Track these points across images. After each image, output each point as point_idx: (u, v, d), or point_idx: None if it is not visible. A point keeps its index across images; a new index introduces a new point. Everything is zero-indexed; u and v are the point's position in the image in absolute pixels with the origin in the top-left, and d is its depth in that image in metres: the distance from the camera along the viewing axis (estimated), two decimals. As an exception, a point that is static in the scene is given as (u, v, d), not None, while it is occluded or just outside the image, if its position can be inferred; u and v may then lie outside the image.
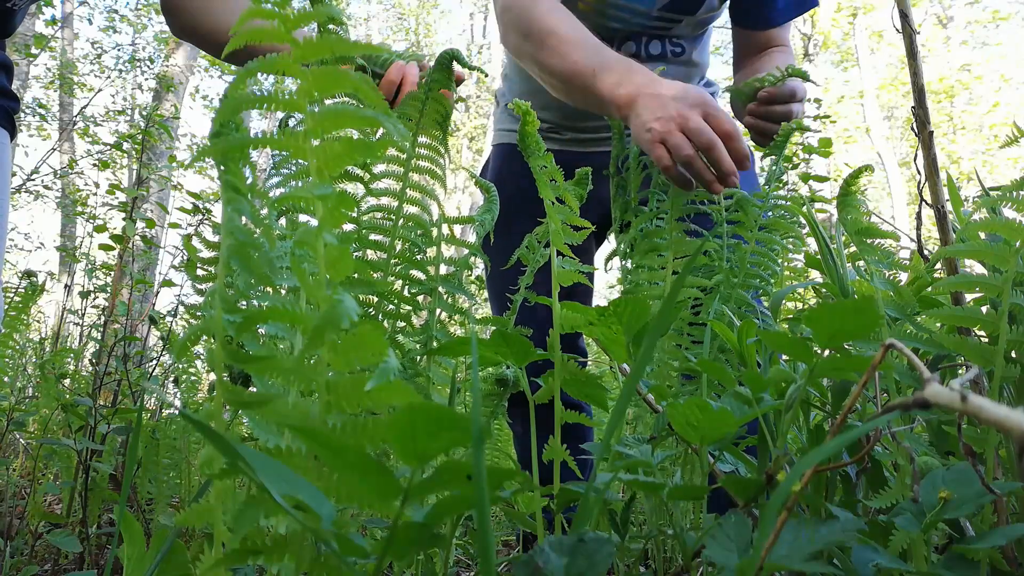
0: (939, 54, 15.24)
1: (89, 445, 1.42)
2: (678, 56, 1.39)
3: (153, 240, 2.67)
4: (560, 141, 1.48)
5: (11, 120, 1.09)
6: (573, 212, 0.78)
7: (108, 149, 5.71)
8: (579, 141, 1.47)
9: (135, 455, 0.57)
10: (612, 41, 1.34)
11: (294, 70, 0.43)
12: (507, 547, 1.71)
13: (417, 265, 0.84)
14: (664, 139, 0.94)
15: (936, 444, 0.66)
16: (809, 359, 0.58)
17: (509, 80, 1.56)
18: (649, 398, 0.74)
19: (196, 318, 1.45)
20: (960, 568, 0.47)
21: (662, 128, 0.94)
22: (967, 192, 7.84)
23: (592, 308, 0.68)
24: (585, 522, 0.46)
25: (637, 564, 0.76)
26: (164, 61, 7.01)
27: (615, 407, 0.43)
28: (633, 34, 1.35)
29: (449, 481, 0.36)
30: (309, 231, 0.42)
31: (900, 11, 0.73)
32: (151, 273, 4.41)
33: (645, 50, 1.36)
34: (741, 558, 0.44)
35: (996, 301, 0.60)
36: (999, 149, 1.82)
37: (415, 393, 0.41)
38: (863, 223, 0.73)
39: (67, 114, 9.19)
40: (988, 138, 13.68)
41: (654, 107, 0.96)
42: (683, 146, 0.92)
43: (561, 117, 1.45)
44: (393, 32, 19.53)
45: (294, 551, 0.40)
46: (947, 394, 0.29)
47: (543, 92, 1.22)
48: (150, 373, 2.20)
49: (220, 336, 0.42)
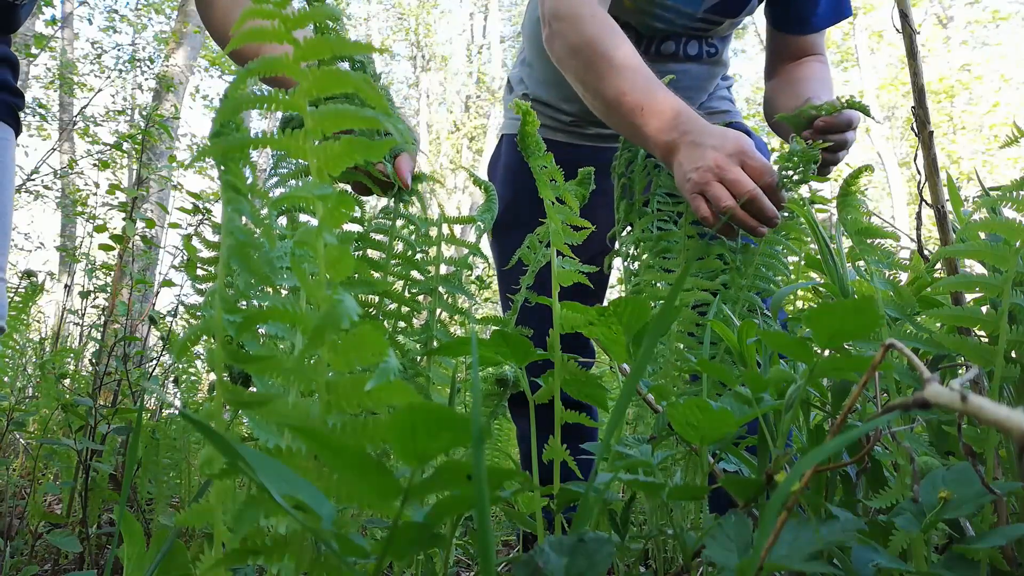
0: (939, 54, 15.24)
1: (89, 445, 1.42)
2: (712, 56, 1.39)
3: (153, 240, 2.67)
4: (583, 136, 1.46)
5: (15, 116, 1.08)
6: (573, 212, 0.78)
7: (108, 149, 5.71)
8: (603, 137, 1.46)
9: (135, 455, 0.57)
10: (652, 40, 1.33)
11: (294, 70, 0.43)
12: (507, 547, 1.71)
13: (417, 265, 0.84)
14: (703, 190, 0.95)
15: (936, 444, 0.66)
16: (809, 359, 0.58)
17: (529, 67, 1.51)
18: (649, 398, 0.74)
19: (196, 318, 1.45)
20: (960, 568, 0.47)
21: (700, 179, 0.95)
22: (967, 192, 7.83)
23: (592, 308, 0.68)
24: (585, 522, 0.46)
25: (637, 564, 0.76)
26: (164, 61, 7.01)
27: (615, 407, 0.43)
28: (673, 34, 1.34)
29: (449, 481, 0.36)
30: (309, 231, 0.42)
31: (900, 11, 0.73)
32: (151, 273, 4.41)
33: (683, 50, 1.36)
34: (741, 558, 0.44)
35: (996, 301, 0.60)
36: (999, 149, 1.82)
37: (415, 393, 0.41)
38: (863, 223, 0.73)
39: (67, 114, 9.19)
40: (988, 138, 13.68)
41: (694, 156, 0.96)
42: (722, 197, 0.93)
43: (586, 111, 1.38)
44: (393, 32, 19.54)
45: (294, 551, 0.40)
46: (947, 394, 0.29)
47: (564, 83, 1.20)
48: (150, 373, 2.20)
49: (220, 336, 0.42)
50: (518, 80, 1.55)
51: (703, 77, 1.41)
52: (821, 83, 1.33)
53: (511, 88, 1.59)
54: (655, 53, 1.34)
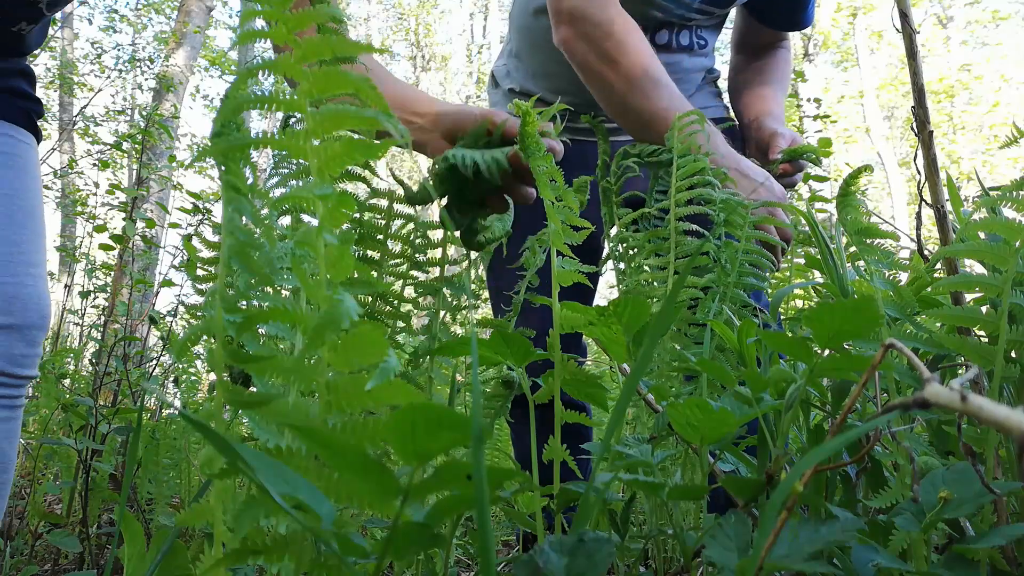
0: (939, 54, 15.24)
1: (89, 445, 1.42)
2: (702, 48, 1.41)
3: (153, 240, 2.67)
4: (569, 130, 1.44)
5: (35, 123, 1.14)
6: (573, 212, 0.78)
7: (108, 149, 5.71)
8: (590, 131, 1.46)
9: (135, 455, 0.57)
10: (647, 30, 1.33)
11: (295, 71, 0.43)
12: (507, 547, 1.71)
13: (418, 265, 0.84)
14: None
15: (936, 444, 0.66)
16: (809, 359, 0.58)
17: (517, 58, 1.48)
18: (649, 398, 0.74)
19: (196, 318, 1.45)
20: (960, 568, 0.47)
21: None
22: (967, 192, 7.84)
23: (592, 308, 0.68)
24: (585, 522, 0.46)
25: (637, 564, 0.76)
26: (164, 61, 7.01)
27: (615, 407, 0.43)
28: (668, 23, 1.35)
29: (449, 481, 0.36)
30: (309, 231, 0.42)
31: (900, 11, 0.73)
32: (151, 273, 4.40)
33: (676, 40, 1.37)
34: (741, 558, 0.44)
35: (996, 301, 0.60)
36: (999, 149, 1.82)
37: (415, 393, 0.41)
38: (863, 223, 0.73)
39: (67, 114, 9.19)
40: (988, 138, 13.68)
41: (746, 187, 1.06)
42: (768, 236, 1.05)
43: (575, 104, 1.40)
44: (393, 32, 19.54)
45: (294, 551, 0.41)
46: (947, 394, 0.29)
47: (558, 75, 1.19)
48: (150, 373, 2.20)
49: (220, 336, 0.42)
50: (504, 74, 1.53)
51: (692, 69, 1.43)
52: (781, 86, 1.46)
53: (496, 83, 1.56)
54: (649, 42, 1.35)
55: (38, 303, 1.06)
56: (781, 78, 1.46)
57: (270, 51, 1.50)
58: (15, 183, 1.06)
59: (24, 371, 1.06)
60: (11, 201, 1.05)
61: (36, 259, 1.08)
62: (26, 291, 1.05)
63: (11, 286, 1.03)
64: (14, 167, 1.07)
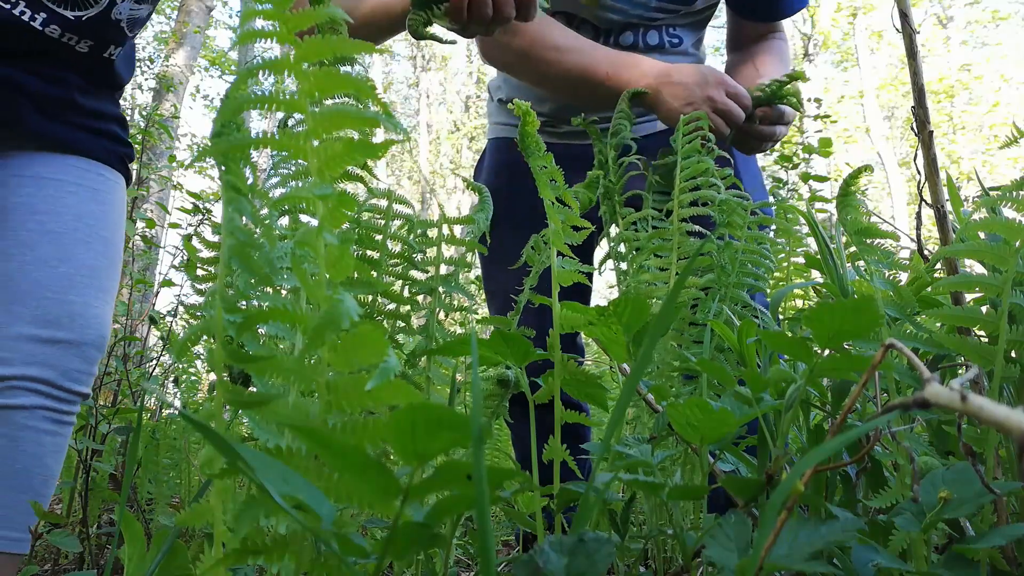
0: (939, 54, 15.24)
1: (89, 445, 1.42)
2: (676, 47, 1.41)
3: (153, 240, 2.67)
4: (554, 134, 1.48)
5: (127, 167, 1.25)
6: (573, 212, 0.78)
7: (108, 149, 5.68)
8: (575, 134, 1.48)
9: (135, 455, 0.57)
10: (611, 33, 1.36)
11: (296, 71, 0.43)
12: (507, 547, 1.71)
13: (416, 265, 0.84)
14: None
15: (936, 444, 0.66)
16: (809, 359, 0.58)
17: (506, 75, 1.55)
18: (649, 398, 0.74)
19: (196, 318, 1.45)
20: (960, 568, 0.47)
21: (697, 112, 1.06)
22: (967, 192, 7.84)
23: (592, 308, 0.68)
24: (585, 522, 0.46)
25: (637, 564, 0.76)
26: (164, 61, 7.01)
27: (615, 407, 0.43)
28: (631, 25, 1.36)
29: (449, 481, 0.36)
30: (309, 231, 0.42)
31: (900, 11, 0.73)
32: (151, 273, 4.40)
33: (643, 40, 1.38)
34: (741, 558, 0.44)
35: (996, 301, 0.60)
36: (999, 149, 1.82)
37: (415, 393, 0.41)
38: (863, 223, 0.73)
39: (67, 114, 9.16)
40: (988, 138, 13.68)
41: (682, 95, 1.10)
42: (721, 126, 1.09)
43: (558, 111, 1.45)
44: (393, 32, 19.48)
45: (294, 551, 0.41)
46: (947, 394, 0.29)
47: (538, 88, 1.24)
48: (150, 373, 2.20)
49: (220, 336, 0.42)
50: (496, 87, 1.61)
51: None
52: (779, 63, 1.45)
53: (491, 96, 1.64)
54: (614, 45, 1.36)
55: (99, 324, 1.11)
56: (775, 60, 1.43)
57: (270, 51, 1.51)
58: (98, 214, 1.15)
59: (76, 386, 1.08)
60: (92, 230, 1.13)
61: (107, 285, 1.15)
62: (91, 311, 1.10)
63: (78, 305, 1.08)
64: (101, 202, 1.16)
